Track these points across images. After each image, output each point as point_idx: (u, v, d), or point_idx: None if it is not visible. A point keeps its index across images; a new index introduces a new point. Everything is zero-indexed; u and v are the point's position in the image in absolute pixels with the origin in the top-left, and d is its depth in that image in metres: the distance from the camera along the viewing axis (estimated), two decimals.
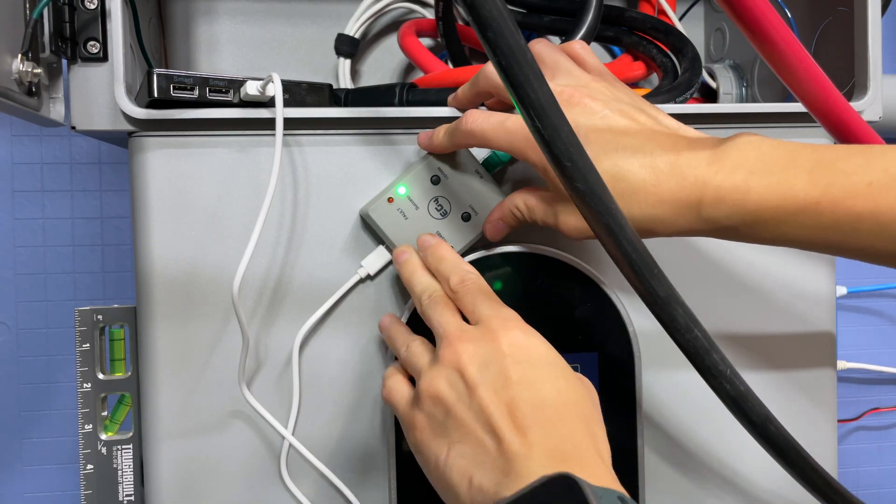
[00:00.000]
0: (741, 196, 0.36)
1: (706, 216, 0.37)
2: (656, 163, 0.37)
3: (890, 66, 0.85)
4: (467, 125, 0.41)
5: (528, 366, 0.36)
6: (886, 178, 0.33)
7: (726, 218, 0.37)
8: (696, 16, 0.72)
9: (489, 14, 0.29)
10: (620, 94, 0.41)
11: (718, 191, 0.36)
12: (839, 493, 0.38)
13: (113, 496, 0.48)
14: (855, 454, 0.89)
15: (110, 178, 0.76)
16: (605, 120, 0.39)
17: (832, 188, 0.34)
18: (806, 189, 0.35)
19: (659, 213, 0.38)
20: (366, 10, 0.64)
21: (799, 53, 0.38)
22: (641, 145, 0.38)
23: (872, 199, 0.33)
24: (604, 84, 0.41)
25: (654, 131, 0.39)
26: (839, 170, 0.34)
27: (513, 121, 0.40)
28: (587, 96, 0.40)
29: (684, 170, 0.37)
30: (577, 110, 0.39)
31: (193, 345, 0.46)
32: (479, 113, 0.41)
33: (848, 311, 0.88)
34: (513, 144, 0.40)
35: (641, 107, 0.40)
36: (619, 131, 0.39)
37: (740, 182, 0.36)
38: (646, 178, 0.37)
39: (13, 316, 0.75)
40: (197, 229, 0.46)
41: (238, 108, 0.45)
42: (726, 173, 0.36)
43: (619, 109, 0.39)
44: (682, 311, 0.34)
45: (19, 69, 0.42)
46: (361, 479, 0.48)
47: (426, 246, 0.43)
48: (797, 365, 0.51)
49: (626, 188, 0.38)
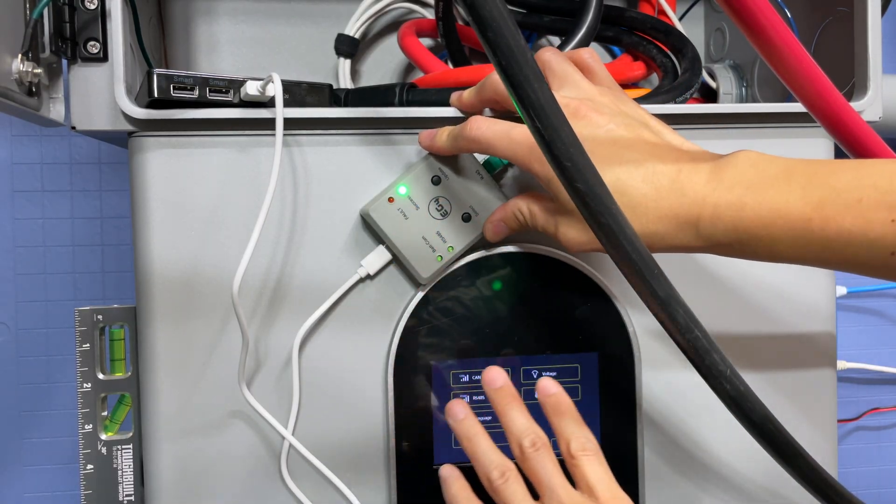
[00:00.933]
0: (736, 213, 0.36)
1: (704, 233, 0.37)
2: (657, 178, 0.38)
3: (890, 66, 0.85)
4: (472, 132, 0.41)
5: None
6: (876, 194, 0.34)
7: (723, 235, 0.37)
8: (696, 16, 0.72)
9: (489, 14, 0.29)
10: (626, 109, 0.41)
11: (716, 208, 0.37)
12: (839, 492, 0.38)
13: (113, 496, 0.48)
14: (855, 454, 0.89)
15: (110, 178, 0.76)
16: (610, 133, 0.39)
17: (824, 205, 0.35)
18: (799, 206, 0.35)
19: (658, 229, 0.38)
20: (366, 10, 0.64)
21: (799, 53, 0.38)
22: (644, 160, 0.38)
23: (862, 215, 0.34)
24: (610, 98, 0.42)
25: (657, 146, 0.39)
26: (831, 186, 0.35)
27: (518, 131, 0.40)
28: (593, 110, 0.40)
29: (684, 186, 0.37)
30: (583, 123, 0.40)
31: (193, 345, 0.46)
32: (483, 120, 0.41)
33: (848, 311, 0.88)
34: (517, 155, 0.40)
35: (646, 121, 0.41)
36: (623, 145, 0.39)
37: (736, 199, 0.36)
38: (647, 192, 0.38)
39: (13, 316, 0.75)
40: (197, 229, 0.46)
41: (238, 108, 0.45)
42: (724, 190, 0.37)
43: (624, 124, 0.40)
44: (682, 311, 0.34)
45: (19, 69, 0.42)
46: (361, 479, 0.48)
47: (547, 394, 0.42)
48: (797, 365, 0.51)
49: (627, 202, 0.38)
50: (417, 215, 0.45)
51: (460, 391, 0.47)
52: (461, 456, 0.47)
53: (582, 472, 0.39)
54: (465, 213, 0.46)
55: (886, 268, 0.34)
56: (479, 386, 0.47)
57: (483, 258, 0.47)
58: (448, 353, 0.47)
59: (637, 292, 0.34)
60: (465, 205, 0.46)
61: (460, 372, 0.47)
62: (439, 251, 0.46)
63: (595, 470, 0.39)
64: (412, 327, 0.47)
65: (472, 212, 0.46)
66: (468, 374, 0.47)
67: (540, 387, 0.42)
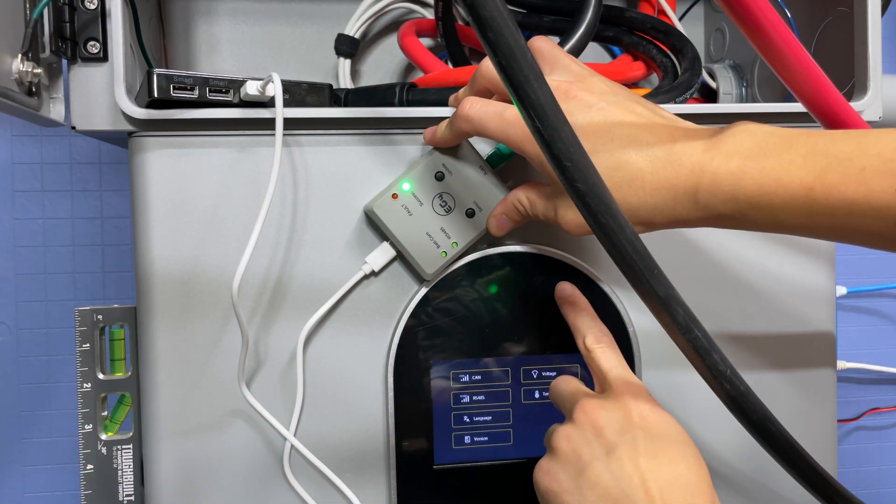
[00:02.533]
0: (736, 181, 0.36)
1: (703, 203, 0.37)
2: (653, 151, 0.38)
3: (890, 66, 0.85)
4: (464, 110, 0.41)
5: (660, 441, 0.37)
6: (879, 162, 0.33)
7: (722, 204, 0.36)
8: (696, 16, 0.72)
9: (489, 14, 0.29)
10: (616, 89, 0.41)
11: (715, 176, 0.36)
12: (839, 492, 0.38)
13: (113, 496, 0.48)
14: (855, 454, 0.89)
15: (110, 178, 0.76)
16: (602, 112, 0.39)
17: (826, 173, 0.34)
18: (800, 174, 0.35)
19: (657, 202, 0.38)
20: (366, 10, 0.64)
21: (799, 53, 0.38)
22: (638, 135, 0.38)
23: (865, 184, 0.33)
24: (599, 79, 0.41)
25: (651, 122, 0.39)
26: (833, 155, 0.34)
27: (511, 112, 0.40)
28: (583, 90, 0.40)
29: (681, 157, 0.37)
30: (574, 103, 0.39)
31: (193, 345, 0.46)
32: (477, 100, 0.41)
33: (848, 311, 0.88)
34: (509, 135, 0.40)
35: (638, 100, 0.41)
36: (615, 122, 0.39)
37: (735, 168, 0.36)
38: (642, 166, 0.37)
39: (13, 316, 0.75)
40: (197, 229, 0.46)
41: (238, 108, 0.45)
42: (722, 159, 0.36)
43: (616, 102, 0.40)
44: (682, 311, 0.34)
45: (19, 69, 0.42)
46: (361, 479, 0.48)
47: (564, 295, 0.46)
48: (797, 365, 0.51)
49: (623, 177, 0.38)
50: (421, 211, 0.45)
51: (460, 391, 0.47)
52: (461, 456, 0.47)
53: (597, 362, 0.42)
54: (468, 208, 0.46)
55: (892, 237, 0.34)
56: (479, 386, 0.48)
57: (484, 258, 0.47)
58: (448, 352, 0.47)
59: (637, 292, 0.34)
60: (469, 200, 0.46)
61: (461, 371, 0.47)
62: (443, 247, 0.46)
63: (607, 359, 0.42)
64: (412, 327, 0.47)
65: (476, 207, 0.46)
66: (468, 373, 0.47)
67: (558, 290, 0.47)
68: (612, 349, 0.43)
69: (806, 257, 0.51)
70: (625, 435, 0.37)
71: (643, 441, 0.37)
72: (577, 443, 0.38)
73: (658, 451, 0.36)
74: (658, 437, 0.37)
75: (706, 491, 0.36)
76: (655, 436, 0.37)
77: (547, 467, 0.40)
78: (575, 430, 0.39)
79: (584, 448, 0.38)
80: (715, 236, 0.50)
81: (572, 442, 0.39)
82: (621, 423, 0.38)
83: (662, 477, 0.35)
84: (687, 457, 0.37)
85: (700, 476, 0.36)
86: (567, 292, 0.46)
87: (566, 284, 0.47)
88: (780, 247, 0.51)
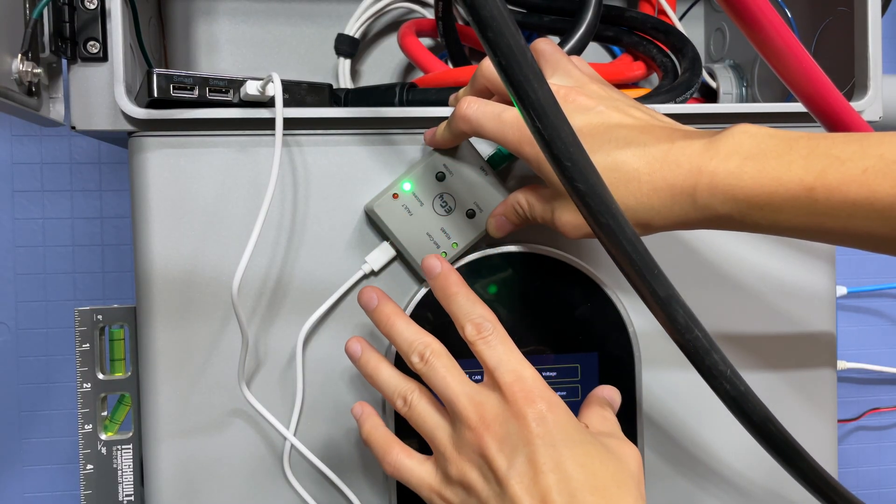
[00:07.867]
0: (735, 180, 0.36)
1: (701, 203, 0.37)
2: (650, 152, 0.37)
3: (890, 66, 0.85)
4: (462, 110, 0.41)
5: (559, 447, 0.35)
6: (882, 164, 0.33)
7: (721, 204, 0.36)
8: (696, 16, 0.72)
9: (489, 14, 0.29)
10: (615, 94, 0.41)
11: (713, 177, 0.36)
12: (839, 492, 0.38)
13: (113, 496, 0.48)
14: (855, 454, 0.89)
15: (110, 178, 0.76)
16: (599, 115, 0.39)
17: (827, 174, 0.34)
18: (801, 175, 0.34)
19: (654, 202, 0.37)
20: (366, 10, 0.64)
21: (799, 53, 0.38)
22: (635, 136, 0.38)
23: (867, 185, 0.33)
24: (599, 85, 0.42)
25: (649, 124, 0.39)
26: (834, 156, 0.34)
27: (509, 113, 0.40)
28: (582, 94, 0.40)
29: (679, 157, 0.37)
30: (572, 107, 0.39)
31: (193, 345, 0.46)
32: (475, 100, 0.41)
33: (848, 311, 0.88)
34: (506, 136, 0.40)
35: (636, 105, 0.41)
36: (613, 125, 0.39)
37: (734, 167, 0.36)
38: (639, 167, 0.37)
39: (13, 316, 0.75)
40: (197, 229, 0.46)
41: (238, 108, 0.45)
42: (721, 159, 0.36)
43: (614, 106, 0.40)
44: (682, 311, 0.34)
45: (19, 69, 0.42)
46: (361, 479, 0.48)
47: (432, 275, 0.41)
48: (797, 365, 0.51)
49: (620, 177, 0.38)
50: (422, 212, 0.45)
51: None
52: None
53: (481, 357, 0.38)
54: (469, 209, 0.46)
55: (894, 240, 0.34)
56: None
57: (483, 258, 0.47)
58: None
59: (637, 292, 0.34)
60: (470, 201, 0.46)
61: None
62: (443, 247, 0.46)
63: (493, 353, 0.37)
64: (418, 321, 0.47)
65: (477, 208, 0.46)
66: (468, 373, 0.47)
67: (425, 268, 0.41)
68: (498, 337, 0.38)
69: (806, 258, 0.51)
70: (517, 457, 0.35)
71: (544, 452, 0.35)
72: (469, 476, 0.36)
73: (561, 459, 0.34)
74: (560, 443, 0.35)
75: (625, 484, 0.35)
76: (558, 442, 0.35)
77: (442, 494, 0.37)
78: (463, 455, 0.37)
79: (477, 483, 0.36)
80: (715, 237, 0.50)
81: (461, 470, 0.36)
82: (516, 436, 0.35)
83: (569, 487, 0.34)
84: (592, 456, 0.35)
85: (615, 471, 0.35)
86: (435, 271, 0.40)
87: (432, 261, 0.40)
88: (780, 247, 0.51)
